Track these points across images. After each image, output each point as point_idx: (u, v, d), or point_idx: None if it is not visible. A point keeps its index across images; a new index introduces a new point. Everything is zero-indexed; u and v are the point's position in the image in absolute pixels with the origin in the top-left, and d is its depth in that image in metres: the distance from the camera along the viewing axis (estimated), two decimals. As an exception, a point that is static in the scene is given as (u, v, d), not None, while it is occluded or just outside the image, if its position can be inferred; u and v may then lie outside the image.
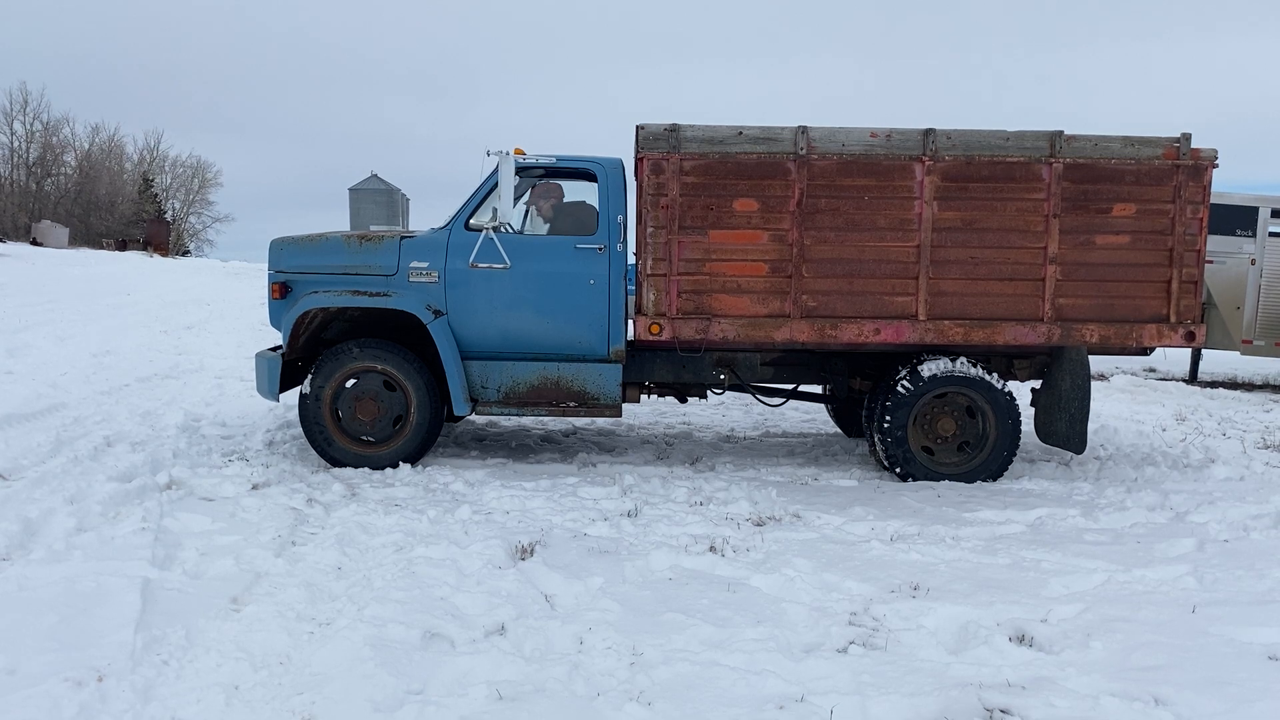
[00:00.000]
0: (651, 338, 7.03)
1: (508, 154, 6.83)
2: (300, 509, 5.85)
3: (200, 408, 9.11)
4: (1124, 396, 12.22)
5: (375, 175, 59.69)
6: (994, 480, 7.15)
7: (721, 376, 7.69)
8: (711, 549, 5.23)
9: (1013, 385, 7.75)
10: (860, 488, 6.92)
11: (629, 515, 5.94)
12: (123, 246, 52.77)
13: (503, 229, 7.13)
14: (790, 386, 8.12)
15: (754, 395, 8.02)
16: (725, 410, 10.50)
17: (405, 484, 6.62)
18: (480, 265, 7.10)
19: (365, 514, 5.75)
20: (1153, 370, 15.61)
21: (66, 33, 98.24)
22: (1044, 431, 7.48)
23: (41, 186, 64.38)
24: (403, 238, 7.22)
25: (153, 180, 71.86)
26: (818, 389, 8.47)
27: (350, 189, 58.97)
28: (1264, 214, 13.68)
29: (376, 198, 57.49)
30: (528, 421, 9.42)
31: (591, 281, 7.13)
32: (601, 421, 9.53)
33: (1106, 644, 3.99)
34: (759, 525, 5.80)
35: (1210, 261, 13.37)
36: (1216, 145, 6.95)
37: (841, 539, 5.55)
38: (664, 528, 5.66)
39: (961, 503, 6.47)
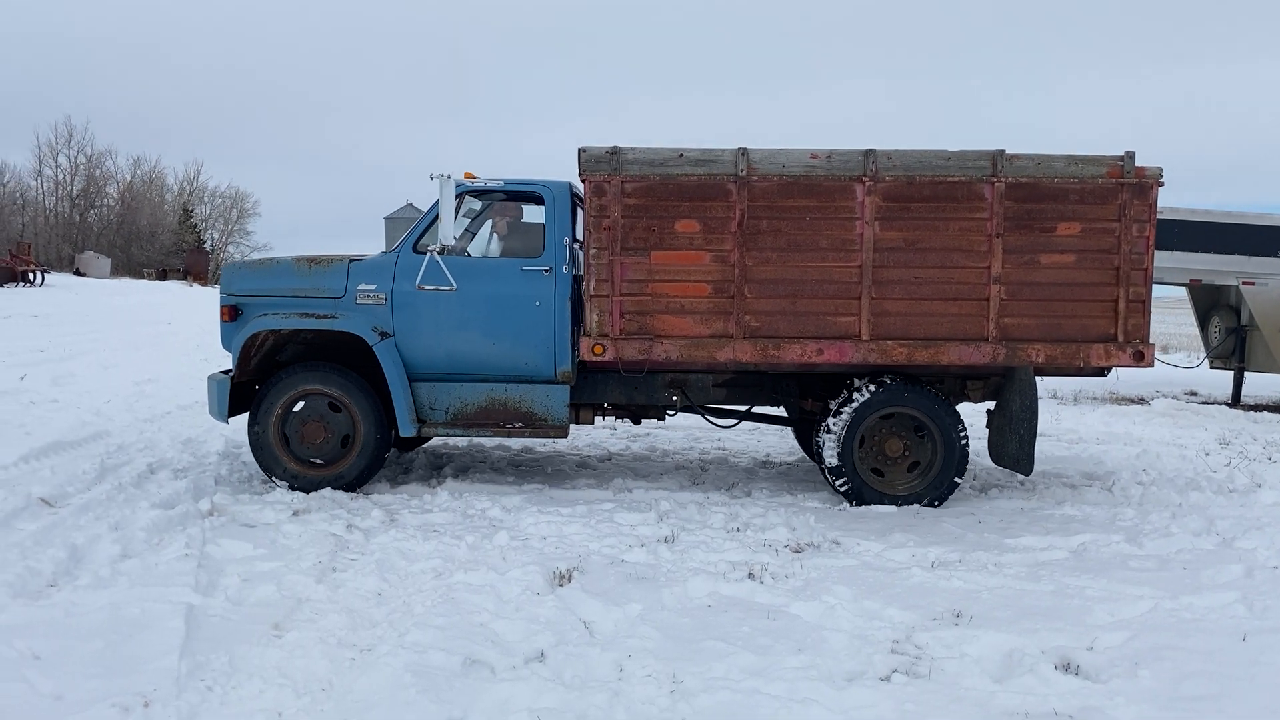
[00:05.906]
0: (595, 358, 7.03)
1: (449, 177, 6.89)
2: (340, 535, 5.90)
3: (241, 435, 9.20)
4: (1165, 420, 12.02)
5: (410, 204, 60.48)
6: (940, 503, 7.10)
7: (674, 398, 7.66)
8: (750, 576, 5.21)
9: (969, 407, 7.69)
10: (899, 513, 6.86)
11: (666, 541, 5.92)
12: (163, 276, 53.76)
13: (453, 252, 7.19)
14: (743, 408, 8.06)
15: (704, 417, 7.94)
16: (760, 435, 10.46)
17: (443, 510, 6.65)
18: (427, 287, 7.15)
19: (404, 540, 5.78)
20: (1194, 393, 15.37)
21: (109, 67, 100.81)
22: (995, 453, 7.38)
23: (85, 218, 65.81)
24: (351, 260, 7.28)
25: (192, 211, 73.33)
26: (773, 411, 8.33)
27: (386, 218, 59.77)
28: (1306, 234, 13.48)
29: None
30: (563, 447, 9.44)
31: (537, 303, 7.17)
32: (637, 447, 9.53)
33: (1155, 673, 3.92)
34: (797, 552, 5.77)
35: (1250, 284, 13.31)
36: (1257, 164, 6.87)
37: (882, 566, 5.50)
38: (701, 554, 5.64)
39: (1003, 529, 6.40)
